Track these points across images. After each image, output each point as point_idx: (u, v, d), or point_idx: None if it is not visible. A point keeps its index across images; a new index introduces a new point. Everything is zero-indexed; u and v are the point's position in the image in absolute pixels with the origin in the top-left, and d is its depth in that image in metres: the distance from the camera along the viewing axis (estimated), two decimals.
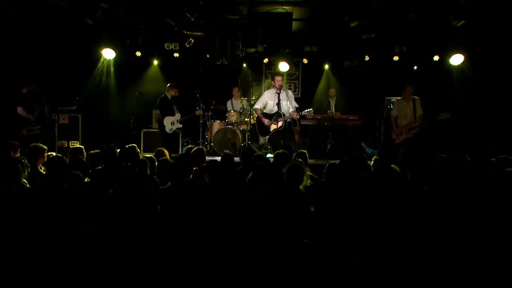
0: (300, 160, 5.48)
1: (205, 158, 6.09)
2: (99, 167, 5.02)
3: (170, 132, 9.64)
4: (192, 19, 8.58)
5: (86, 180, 4.62)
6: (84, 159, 5.38)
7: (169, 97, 9.68)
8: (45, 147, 5.51)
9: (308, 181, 4.52)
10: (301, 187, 4.27)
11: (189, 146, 6.91)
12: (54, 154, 5.79)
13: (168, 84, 9.84)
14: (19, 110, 8.00)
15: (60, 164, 4.79)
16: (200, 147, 6.64)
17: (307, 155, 6.14)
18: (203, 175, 4.85)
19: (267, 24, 8.37)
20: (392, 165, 5.39)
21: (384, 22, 9.00)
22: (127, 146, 5.50)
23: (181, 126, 9.84)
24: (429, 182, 4.35)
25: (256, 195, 4.02)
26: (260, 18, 8.41)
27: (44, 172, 5.04)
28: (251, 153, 6.03)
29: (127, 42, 9.89)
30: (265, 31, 8.75)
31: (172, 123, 9.68)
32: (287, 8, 8.06)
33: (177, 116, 9.75)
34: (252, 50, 9.63)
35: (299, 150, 6.29)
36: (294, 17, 8.41)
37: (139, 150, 5.51)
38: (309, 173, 5.03)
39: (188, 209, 3.57)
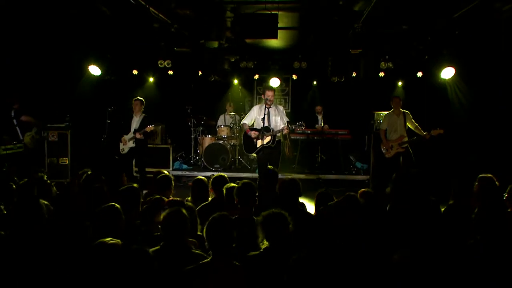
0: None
1: (171, 186, 5.12)
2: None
3: (122, 153, 8.54)
4: (172, 29, 8.55)
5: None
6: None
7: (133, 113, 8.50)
8: None
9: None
10: None
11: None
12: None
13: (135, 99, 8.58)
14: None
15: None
16: (167, 174, 5.25)
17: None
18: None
19: (252, 27, 7.89)
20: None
21: (372, 36, 9.01)
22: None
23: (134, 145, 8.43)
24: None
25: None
26: (243, 21, 7.89)
27: None
28: (223, 182, 4.88)
29: (108, 57, 10.09)
30: (250, 34, 8.15)
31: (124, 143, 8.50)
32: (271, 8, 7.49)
33: (130, 134, 8.46)
34: (243, 64, 9.65)
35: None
36: (282, 25, 8.21)
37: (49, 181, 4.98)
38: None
39: None
